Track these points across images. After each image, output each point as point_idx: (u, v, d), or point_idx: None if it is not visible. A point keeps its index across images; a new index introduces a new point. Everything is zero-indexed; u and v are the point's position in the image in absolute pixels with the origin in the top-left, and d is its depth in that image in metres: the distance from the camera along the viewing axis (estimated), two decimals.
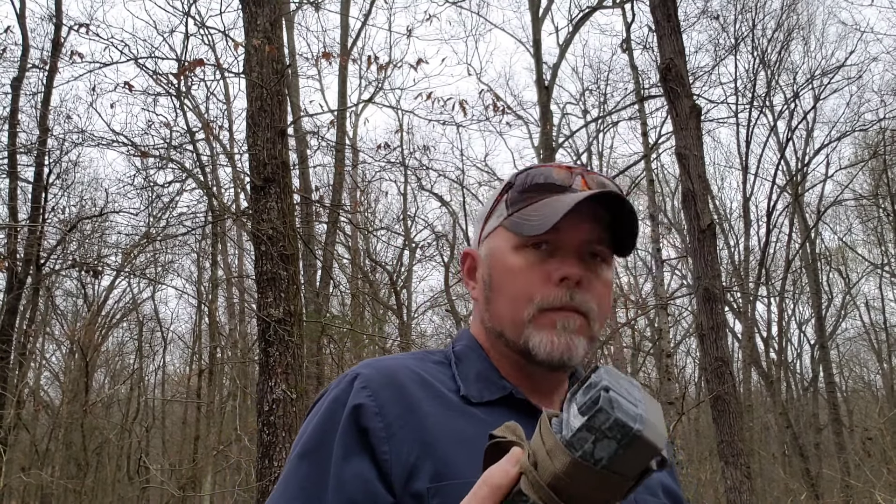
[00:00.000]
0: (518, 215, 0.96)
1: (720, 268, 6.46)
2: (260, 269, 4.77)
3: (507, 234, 0.97)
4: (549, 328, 0.92)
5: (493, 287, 0.97)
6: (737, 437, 5.65)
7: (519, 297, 0.93)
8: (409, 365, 0.94)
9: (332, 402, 0.90)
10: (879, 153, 15.39)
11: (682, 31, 6.59)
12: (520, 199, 0.97)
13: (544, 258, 0.94)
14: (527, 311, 0.92)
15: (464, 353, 0.99)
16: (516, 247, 0.95)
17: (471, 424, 0.88)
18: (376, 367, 0.92)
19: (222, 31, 7.39)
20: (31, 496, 11.20)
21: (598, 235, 0.95)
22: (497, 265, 0.97)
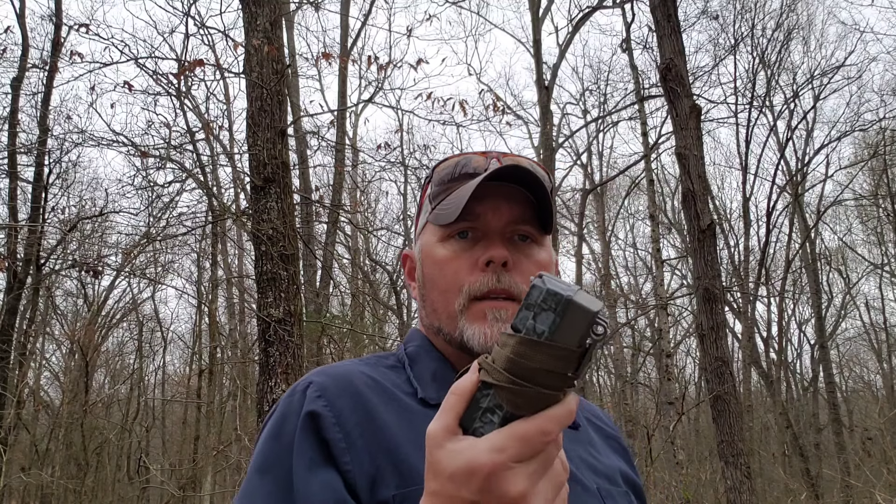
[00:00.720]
0: (438, 207, 0.94)
1: (720, 268, 6.46)
2: (260, 269, 4.77)
3: (433, 228, 0.95)
4: (480, 320, 0.89)
5: (426, 283, 0.96)
6: (737, 437, 5.66)
7: (449, 288, 0.92)
8: (363, 370, 0.90)
9: (285, 412, 0.85)
10: (879, 153, 15.39)
11: (681, 31, 6.59)
12: (439, 191, 0.96)
13: (470, 246, 0.92)
14: (457, 301, 0.90)
15: (416, 354, 0.96)
16: (441, 239, 0.94)
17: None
18: (330, 374, 0.88)
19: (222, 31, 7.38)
20: (31, 496, 11.21)
21: (520, 216, 0.92)
22: (427, 260, 0.96)
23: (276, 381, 4.54)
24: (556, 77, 14.29)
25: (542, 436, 0.59)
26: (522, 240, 0.93)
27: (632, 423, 14.74)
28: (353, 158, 13.42)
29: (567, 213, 18.66)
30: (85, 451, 10.35)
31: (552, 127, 14.19)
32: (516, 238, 0.93)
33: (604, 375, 20.30)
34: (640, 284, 21.04)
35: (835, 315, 19.37)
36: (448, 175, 0.96)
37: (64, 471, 10.59)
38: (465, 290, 0.90)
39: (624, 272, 21.36)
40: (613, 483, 0.95)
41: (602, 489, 0.91)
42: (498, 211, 0.92)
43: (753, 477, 5.80)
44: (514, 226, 0.93)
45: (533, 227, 0.94)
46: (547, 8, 14.26)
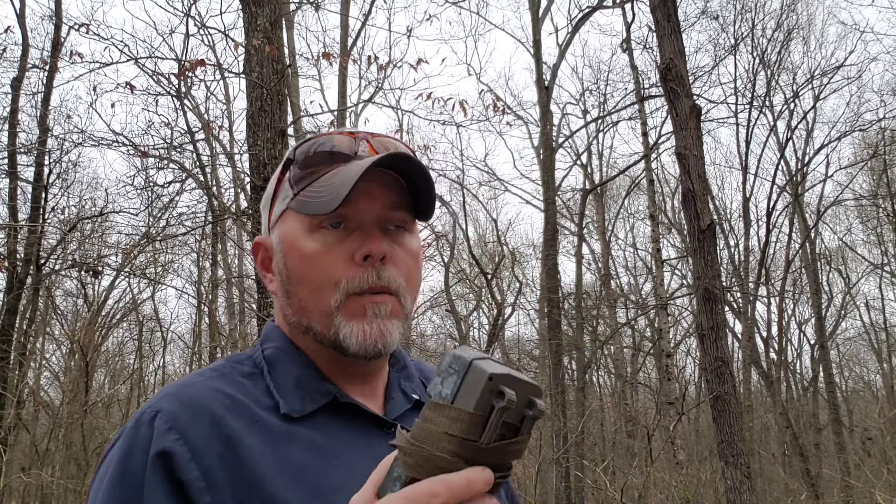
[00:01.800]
0: (304, 193, 0.85)
1: (720, 268, 6.46)
2: None
3: (298, 217, 0.86)
4: (359, 316, 0.83)
5: (292, 277, 0.86)
6: (737, 437, 5.66)
7: (323, 283, 0.83)
8: (217, 387, 0.80)
9: (125, 455, 0.74)
10: (879, 153, 15.40)
11: (682, 32, 6.60)
12: (303, 175, 0.86)
13: (343, 237, 0.84)
14: (333, 298, 0.83)
15: (276, 357, 0.87)
16: (310, 229, 0.85)
17: (298, 449, 0.78)
18: (179, 398, 0.77)
19: (222, 32, 7.39)
20: (31, 496, 11.20)
21: (395, 202, 0.86)
22: (292, 252, 0.86)
23: None
24: (556, 77, 14.29)
25: (428, 497, 0.56)
26: (396, 228, 0.87)
27: (632, 423, 14.75)
28: None
29: (567, 213, 18.67)
30: (85, 451, 10.34)
31: (552, 127, 14.19)
32: (391, 227, 0.86)
33: (604, 375, 20.32)
34: (640, 284, 21.04)
35: (835, 315, 19.38)
36: (315, 157, 0.86)
37: (64, 471, 10.58)
38: (342, 287, 0.83)
39: (624, 272, 21.37)
40: None
41: None
42: (373, 199, 0.84)
43: (753, 477, 5.80)
44: (389, 212, 0.86)
45: (407, 214, 0.87)
46: (547, 8, 14.27)
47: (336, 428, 0.82)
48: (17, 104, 10.02)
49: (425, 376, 0.98)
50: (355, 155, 0.86)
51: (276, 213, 0.90)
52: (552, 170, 13.45)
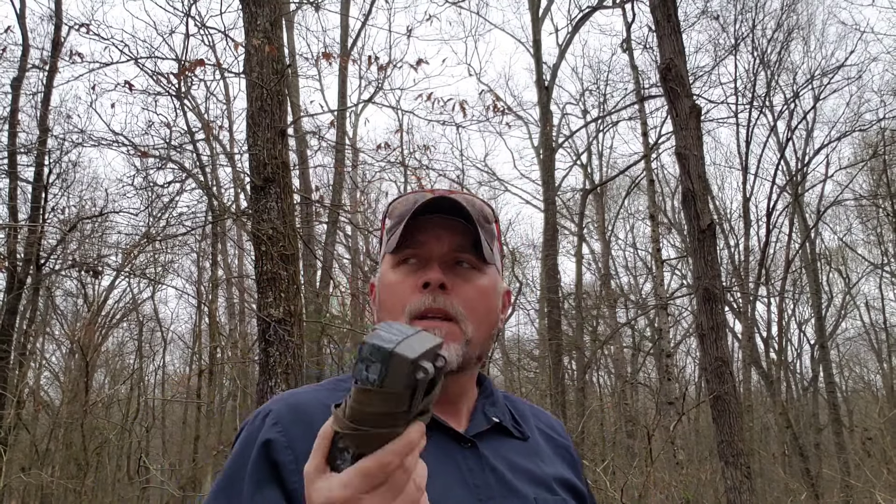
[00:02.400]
0: (391, 239, 1.04)
1: (720, 268, 6.46)
2: (260, 269, 4.76)
3: (388, 258, 1.06)
4: None
5: (380, 305, 1.06)
6: (737, 437, 5.65)
7: (395, 307, 1.02)
8: (320, 398, 0.98)
9: (245, 439, 0.95)
10: (879, 153, 15.39)
11: (682, 31, 6.59)
12: (393, 224, 1.06)
13: (414, 271, 1.02)
14: (402, 320, 0.99)
15: None
16: (392, 266, 1.04)
17: None
18: (288, 402, 0.98)
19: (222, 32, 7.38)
20: (31, 496, 11.19)
21: (459, 244, 1.02)
22: (381, 285, 1.06)
23: (276, 381, 4.53)
24: (556, 77, 14.29)
25: (382, 468, 0.67)
26: (460, 265, 1.03)
27: (632, 423, 14.74)
28: (353, 158, 13.41)
29: (567, 213, 18.66)
30: (85, 451, 10.34)
31: (552, 127, 14.19)
32: (458, 265, 1.03)
33: (604, 375, 20.31)
34: (640, 284, 21.04)
35: (835, 315, 19.38)
36: (403, 211, 1.05)
37: (64, 471, 10.58)
38: (407, 310, 1.00)
39: (624, 272, 21.37)
40: (552, 492, 1.02)
41: (540, 498, 1.00)
42: (439, 240, 1.02)
43: (753, 477, 5.80)
44: (454, 253, 1.02)
45: (471, 255, 1.03)
46: (547, 8, 14.27)
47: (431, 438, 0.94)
48: (17, 104, 10.02)
49: (513, 405, 1.14)
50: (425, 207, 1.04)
51: (381, 257, 1.10)
52: (552, 170, 13.45)
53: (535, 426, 1.13)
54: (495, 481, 0.98)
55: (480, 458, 0.99)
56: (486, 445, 1.01)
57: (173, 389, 17.51)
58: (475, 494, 0.95)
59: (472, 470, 0.97)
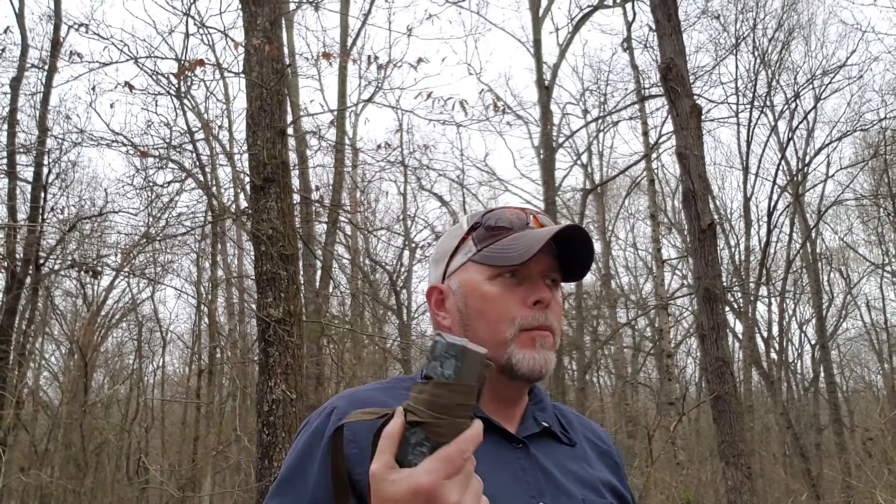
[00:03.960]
0: (489, 250, 1.10)
1: (721, 268, 6.44)
2: (260, 269, 4.75)
3: (480, 268, 1.10)
4: (530, 346, 1.06)
5: (471, 314, 1.09)
6: (737, 438, 5.64)
7: (500, 318, 1.07)
8: (378, 396, 1.05)
9: (313, 434, 1.03)
10: (880, 153, 15.37)
11: (682, 31, 6.58)
12: (487, 236, 1.11)
13: (516, 285, 1.08)
14: (509, 331, 1.06)
15: None
16: (490, 277, 1.09)
17: None
18: (351, 399, 1.04)
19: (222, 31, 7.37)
20: (30, 496, 11.18)
21: (552, 265, 1.11)
22: (474, 294, 1.09)
23: (276, 382, 4.52)
24: (556, 77, 14.27)
25: (461, 454, 0.76)
26: (552, 283, 1.11)
27: (632, 423, 14.73)
28: (352, 158, 13.40)
29: (567, 213, 18.64)
30: (84, 451, 10.33)
31: (552, 127, 14.17)
32: (548, 282, 1.11)
33: (604, 376, 20.30)
34: (641, 284, 21.02)
35: (836, 315, 19.34)
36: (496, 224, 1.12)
37: (63, 471, 10.57)
38: (517, 322, 1.06)
39: (624, 272, 21.35)
40: (598, 494, 1.09)
41: (587, 500, 1.06)
42: (540, 260, 1.09)
43: (754, 477, 5.79)
44: (549, 273, 1.11)
45: (559, 275, 1.12)
46: (547, 8, 14.24)
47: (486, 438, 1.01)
48: (16, 104, 10.00)
49: (560, 412, 1.21)
50: (527, 226, 1.12)
51: (455, 265, 1.14)
52: (552, 170, 13.43)
53: (582, 433, 1.20)
54: (545, 480, 1.04)
55: (531, 458, 1.06)
56: (536, 447, 1.08)
57: (172, 390, 17.50)
58: (527, 491, 1.01)
59: (524, 469, 1.04)
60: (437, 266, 1.18)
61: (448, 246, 1.16)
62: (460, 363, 0.75)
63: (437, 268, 1.18)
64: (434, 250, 1.21)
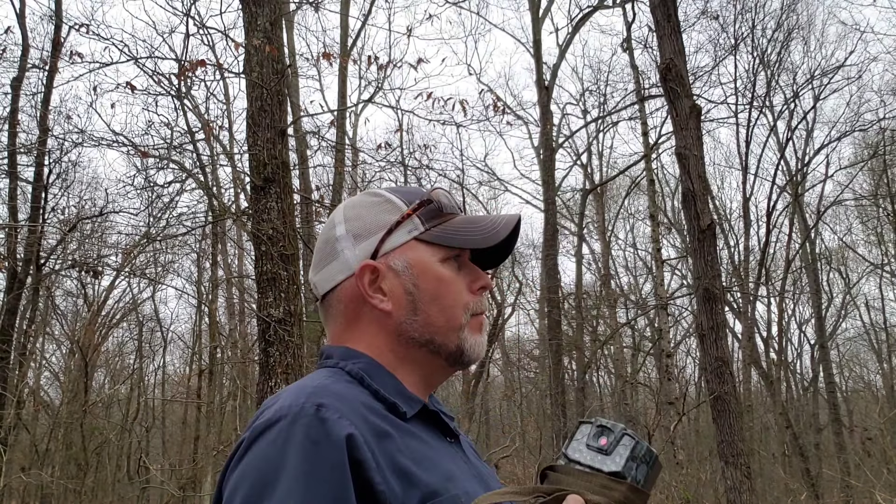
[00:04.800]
0: (441, 229, 1.02)
1: (720, 268, 6.46)
2: (260, 269, 4.76)
3: (430, 248, 1.02)
4: (478, 331, 1.03)
5: (424, 296, 1.00)
6: (737, 437, 5.65)
7: (455, 304, 1.01)
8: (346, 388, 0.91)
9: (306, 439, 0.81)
10: (879, 153, 15.39)
11: (682, 32, 6.59)
12: (436, 215, 1.04)
13: (458, 269, 1.04)
14: (464, 316, 1.01)
15: (370, 370, 0.97)
16: (442, 259, 1.02)
17: (417, 442, 0.91)
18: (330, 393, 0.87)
19: (222, 32, 7.37)
20: (30, 496, 11.20)
21: None
22: (426, 275, 1.01)
23: (277, 382, 4.53)
24: (556, 77, 14.29)
25: None
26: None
27: (632, 423, 14.74)
28: (353, 158, 13.41)
29: (567, 213, 18.66)
30: (85, 451, 10.33)
31: (552, 127, 14.18)
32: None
33: (604, 375, 20.31)
34: (641, 284, 21.04)
35: (835, 315, 19.37)
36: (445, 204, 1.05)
37: (64, 471, 10.58)
38: (469, 308, 1.02)
39: (624, 272, 21.37)
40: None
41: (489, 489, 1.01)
42: None
43: (753, 477, 5.80)
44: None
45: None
46: (547, 8, 14.26)
47: (424, 430, 0.96)
48: (17, 104, 10.01)
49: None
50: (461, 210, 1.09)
51: (395, 242, 1.02)
52: (552, 170, 13.45)
53: None
54: (479, 471, 1.00)
55: (462, 452, 1.01)
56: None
57: (173, 389, 17.51)
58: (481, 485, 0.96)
59: (465, 461, 0.99)
60: (357, 241, 1.03)
61: (378, 220, 1.03)
62: (651, 470, 0.77)
63: (357, 244, 1.03)
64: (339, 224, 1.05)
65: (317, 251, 1.08)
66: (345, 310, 1.03)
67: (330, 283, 1.04)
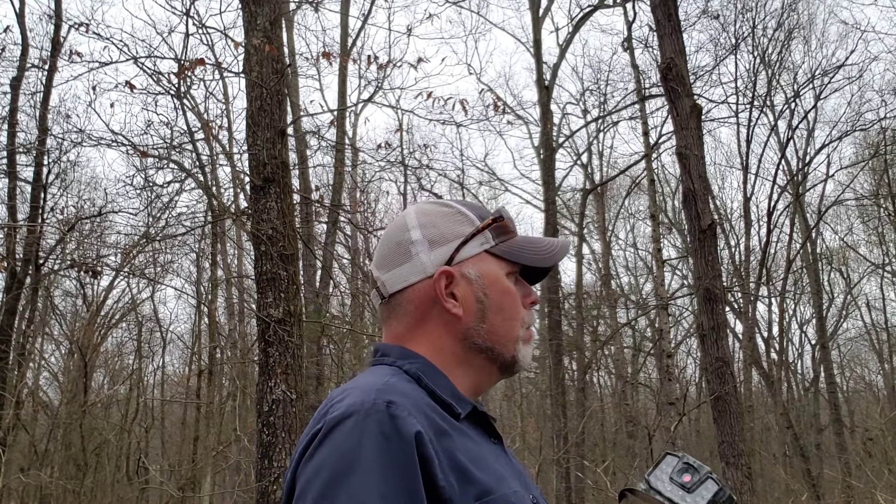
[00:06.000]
0: (508, 246, 1.09)
1: (721, 268, 6.44)
2: (260, 269, 4.74)
3: (498, 261, 1.08)
4: (528, 343, 1.10)
5: (492, 307, 1.06)
6: (738, 438, 5.64)
7: (515, 316, 1.08)
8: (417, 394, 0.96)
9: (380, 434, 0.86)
10: (880, 153, 15.36)
11: (682, 31, 6.58)
12: (504, 231, 1.10)
13: (514, 283, 1.10)
14: (521, 329, 1.08)
15: (427, 371, 1.02)
16: (507, 273, 1.08)
17: (471, 441, 0.97)
18: (398, 392, 0.92)
19: (222, 31, 7.36)
20: (30, 497, 11.17)
21: None
22: (495, 287, 1.07)
23: (276, 382, 4.51)
24: (557, 77, 14.27)
25: None
26: None
27: (632, 423, 14.72)
28: (352, 158, 13.40)
29: (567, 213, 18.64)
30: (84, 451, 10.32)
31: (552, 127, 14.16)
32: None
33: (604, 376, 20.29)
34: (641, 284, 21.02)
35: (836, 315, 19.34)
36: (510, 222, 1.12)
37: (63, 471, 10.56)
38: (524, 321, 1.09)
39: (624, 272, 21.35)
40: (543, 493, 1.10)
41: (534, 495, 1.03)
42: None
43: (754, 477, 5.79)
44: None
45: None
46: (547, 7, 14.24)
47: (474, 431, 1.01)
48: (16, 104, 10.00)
49: None
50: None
51: (469, 251, 1.08)
52: (552, 170, 13.43)
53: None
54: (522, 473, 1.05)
55: (506, 454, 1.06)
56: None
57: (172, 390, 17.50)
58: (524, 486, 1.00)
59: (510, 463, 1.03)
60: (432, 247, 1.07)
61: (454, 230, 1.08)
62: None
63: (432, 249, 1.07)
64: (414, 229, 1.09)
65: (385, 251, 1.10)
66: (414, 310, 1.07)
67: (401, 284, 1.07)
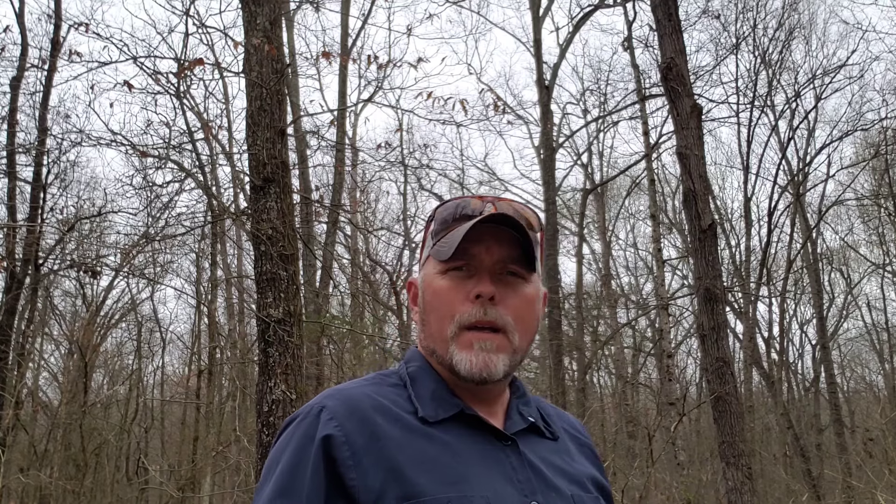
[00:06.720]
0: (439, 244, 1.06)
1: (721, 268, 6.43)
2: (259, 269, 4.73)
3: (434, 262, 1.07)
4: (468, 348, 1.01)
5: (426, 308, 1.07)
6: (738, 438, 5.62)
7: (444, 315, 1.04)
8: (368, 392, 1.02)
9: (302, 436, 0.97)
10: (881, 153, 15.33)
11: (683, 31, 6.56)
12: (440, 229, 1.08)
13: (464, 279, 1.04)
14: (450, 328, 1.03)
15: (416, 374, 1.07)
16: (441, 272, 1.06)
17: (431, 445, 0.97)
18: (340, 398, 1.00)
19: (222, 31, 7.36)
20: (29, 497, 11.16)
21: (509, 255, 1.04)
22: (428, 289, 1.07)
23: (276, 382, 4.50)
24: (557, 77, 14.26)
25: None
26: (512, 276, 1.05)
27: (633, 423, 14.71)
28: (352, 158, 13.39)
29: (567, 213, 18.63)
30: (84, 451, 10.31)
31: (552, 126, 14.15)
32: (506, 275, 1.05)
33: (604, 376, 20.28)
34: (641, 285, 21.01)
35: (836, 315, 19.33)
36: (450, 216, 1.08)
37: (62, 472, 10.55)
38: (456, 319, 1.02)
39: (625, 272, 21.33)
40: (584, 489, 1.06)
41: (575, 496, 1.03)
42: (490, 251, 1.04)
43: (755, 478, 5.78)
44: (503, 264, 1.04)
45: (520, 266, 1.05)
46: (547, 7, 14.23)
47: (461, 434, 1.01)
48: (15, 103, 9.99)
49: (542, 408, 1.16)
50: (480, 215, 1.05)
51: (422, 259, 1.13)
52: (552, 170, 13.42)
53: (561, 426, 1.17)
54: (535, 478, 1.01)
55: (521, 456, 1.03)
56: (523, 443, 1.05)
57: (172, 390, 17.48)
58: (520, 491, 0.98)
59: (514, 467, 1.01)
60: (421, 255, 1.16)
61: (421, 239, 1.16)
62: None
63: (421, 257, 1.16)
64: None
65: None
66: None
67: None
